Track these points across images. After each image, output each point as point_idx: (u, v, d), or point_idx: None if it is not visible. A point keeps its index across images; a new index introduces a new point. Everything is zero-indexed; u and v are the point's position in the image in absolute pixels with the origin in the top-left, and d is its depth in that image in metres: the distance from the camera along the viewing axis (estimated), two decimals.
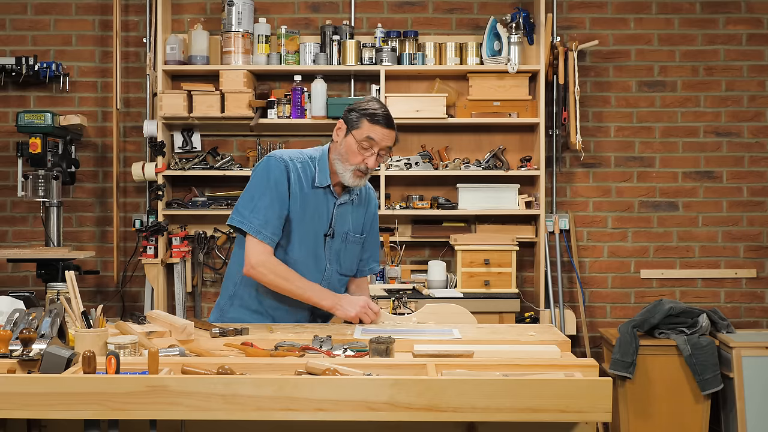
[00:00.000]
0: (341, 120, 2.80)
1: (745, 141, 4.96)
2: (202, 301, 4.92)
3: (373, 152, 2.74)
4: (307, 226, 2.81)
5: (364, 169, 2.76)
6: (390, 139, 2.76)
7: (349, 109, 2.79)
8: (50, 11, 4.95)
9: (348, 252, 2.91)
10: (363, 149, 2.73)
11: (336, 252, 2.87)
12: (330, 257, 2.86)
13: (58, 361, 1.98)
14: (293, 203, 2.78)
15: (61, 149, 4.60)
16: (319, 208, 2.82)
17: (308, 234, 2.81)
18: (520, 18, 4.72)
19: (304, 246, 2.81)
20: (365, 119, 2.73)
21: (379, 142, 2.73)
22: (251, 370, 2.02)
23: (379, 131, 2.73)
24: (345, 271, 2.93)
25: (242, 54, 4.67)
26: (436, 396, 1.81)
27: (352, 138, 2.74)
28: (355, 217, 2.92)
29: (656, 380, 4.26)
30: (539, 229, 4.74)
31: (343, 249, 2.89)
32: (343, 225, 2.87)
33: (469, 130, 4.87)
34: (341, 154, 2.77)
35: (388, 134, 2.75)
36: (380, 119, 2.73)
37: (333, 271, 2.88)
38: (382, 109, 2.76)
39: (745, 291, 4.97)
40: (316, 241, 2.82)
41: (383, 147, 2.75)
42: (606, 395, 1.82)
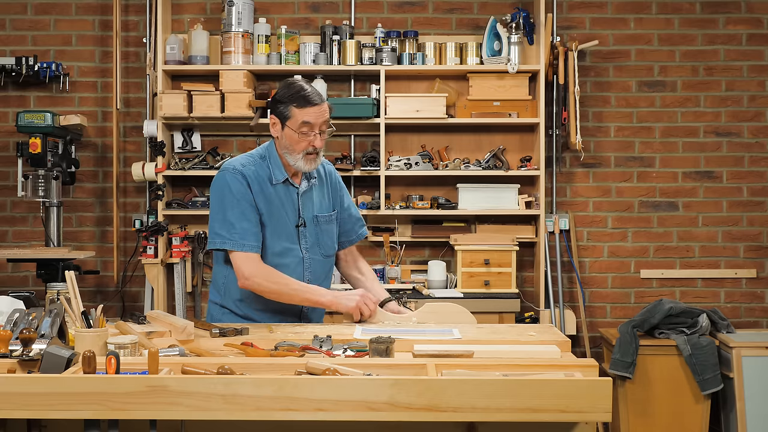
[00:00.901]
0: (272, 116, 2.83)
1: (745, 141, 4.96)
2: (202, 301, 4.93)
3: (315, 133, 2.77)
4: (277, 224, 2.83)
5: (312, 150, 2.78)
6: (324, 114, 2.78)
7: (275, 101, 2.82)
8: (50, 11, 4.95)
9: (325, 233, 2.94)
10: (303, 134, 2.76)
11: (314, 238, 2.90)
12: (307, 246, 2.88)
13: (58, 361, 1.98)
14: (260, 207, 2.81)
15: (61, 149, 4.60)
16: (284, 203, 2.85)
17: (281, 231, 2.84)
18: (520, 18, 4.73)
19: (278, 244, 2.83)
20: (292, 106, 2.76)
21: (315, 121, 2.76)
22: (251, 370, 2.02)
23: (311, 112, 2.75)
24: (329, 251, 2.96)
25: (242, 54, 4.68)
26: (436, 396, 1.81)
27: (288, 129, 2.77)
28: (320, 198, 2.95)
29: (656, 380, 4.26)
30: (539, 229, 4.74)
31: (319, 232, 2.91)
32: (311, 210, 2.90)
33: (469, 130, 4.87)
34: (286, 146, 2.80)
35: (320, 110, 2.76)
36: (307, 99, 2.75)
37: (316, 257, 2.90)
38: (305, 90, 2.77)
39: (745, 291, 4.97)
40: (289, 236, 2.85)
41: (321, 124, 2.77)
42: (606, 395, 1.82)
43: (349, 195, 3.10)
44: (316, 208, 2.92)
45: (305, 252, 2.87)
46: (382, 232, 4.79)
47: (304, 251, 2.87)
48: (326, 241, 2.94)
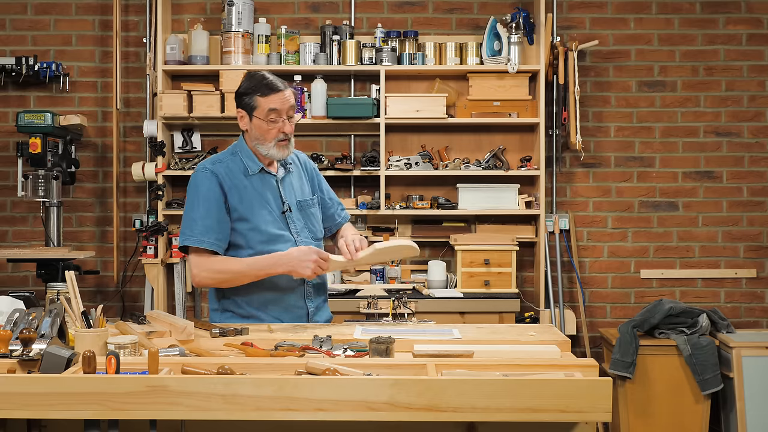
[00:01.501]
0: (238, 110, 2.88)
1: (745, 141, 4.96)
2: (202, 301, 4.92)
3: (283, 119, 2.81)
4: (261, 214, 2.85)
5: (283, 137, 2.82)
6: (289, 99, 2.83)
7: (239, 95, 2.87)
8: (50, 11, 4.95)
9: (311, 217, 2.97)
10: (272, 122, 2.81)
11: (302, 222, 2.93)
12: (297, 230, 2.90)
13: (58, 361, 1.98)
14: (235, 201, 2.83)
15: (61, 149, 4.60)
16: (264, 192, 2.88)
17: (267, 219, 2.85)
18: (520, 18, 4.73)
19: (266, 232, 2.84)
20: (257, 96, 2.81)
21: (281, 107, 2.80)
22: (251, 370, 2.02)
23: (276, 98, 2.79)
24: (318, 235, 2.99)
25: (242, 54, 4.68)
26: (436, 396, 1.82)
27: (256, 119, 2.82)
28: (300, 183, 2.99)
29: (656, 380, 4.26)
30: (539, 229, 4.74)
31: (305, 216, 2.95)
32: (294, 196, 2.94)
33: (469, 130, 4.87)
34: (257, 138, 2.85)
35: (284, 96, 2.80)
36: (270, 87, 2.80)
37: (307, 241, 2.91)
38: (266, 79, 2.82)
39: (745, 291, 4.97)
40: (277, 222, 2.87)
41: (288, 109, 2.82)
42: (606, 395, 1.82)
43: (325, 181, 3.13)
44: (297, 194, 2.96)
45: (296, 236, 2.89)
46: (382, 232, 4.79)
47: (295, 235, 2.89)
48: (313, 224, 2.98)
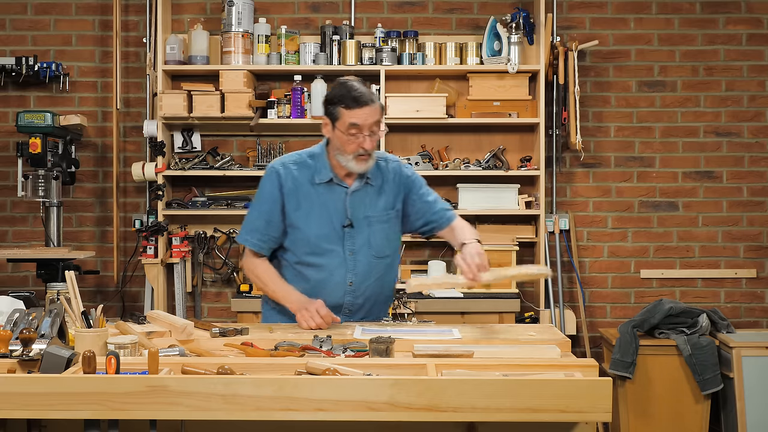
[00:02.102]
0: (323, 116, 2.79)
1: (745, 141, 4.96)
2: (202, 301, 4.93)
3: (364, 135, 2.70)
4: (316, 224, 2.80)
5: (363, 152, 2.72)
6: (374, 115, 2.70)
7: (326, 102, 2.77)
8: (50, 11, 4.95)
9: (378, 233, 2.85)
10: (352, 135, 2.70)
11: (363, 239, 2.83)
12: (354, 247, 2.82)
13: (58, 361, 1.98)
14: (292, 207, 2.80)
15: (61, 149, 4.60)
16: (327, 203, 2.81)
17: (321, 231, 2.80)
18: (520, 18, 4.72)
19: (316, 245, 2.81)
20: (341, 107, 2.70)
21: (363, 124, 2.69)
22: (251, 370, 2.02)
23: (359, 113, 2.68)
24: (382, 252, 2.87)
25: (242, 54, 4.67)
26: (436, 396, 1.81)
27: (338, 131, 2.73)
28: (376, 197, 2.86)
29: (656, 380, 4.26)
30: (539, 229, 4.74)
31: (370, 233, 2.84)
32: (363, 210, 2.83)
33: (469, 130, 4.87)
34: (337, 147, 2.76)
35: (368, 111, 2.69)
36: (355, 101, 2.68)
37: (364, 259, 2.83)
38: (355, 90, 2.70)
39: (745, 291, 4.97)
40: (332, 237, 2.81)
41: (370, 125, 2.71)
42: (606, 395, 1.82)
43: (425, 186, 2.95)
44: (369, 208, 2.84)
45: (350, 253, 2.82)
46: None
47: (349, 252, 2.82)
48: (378, 241, 2.85)
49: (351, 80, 2.75)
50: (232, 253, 4.90)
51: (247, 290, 4.59)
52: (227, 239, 4.87)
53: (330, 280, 2.82)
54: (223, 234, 4.86)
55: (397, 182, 2.90)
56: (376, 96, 2.75)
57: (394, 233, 2.93)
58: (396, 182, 2.90)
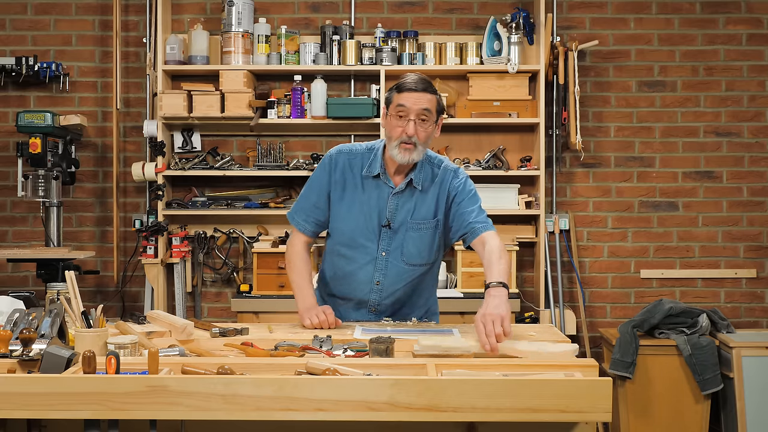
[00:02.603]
0: (383, 106, 2.82)
1: (745, 141, 4.96)
2: (202, 301, 4.93)
3: (409, 119, 2.67)
4: (355, 217, 2.80)
5: (406, 139, 2.68)
6: (422, 101, 2.67)
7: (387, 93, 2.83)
8: (50, 11, 4.95)
9: (412, 240, 2.80)
10: (399, 118, 2.69)
11: (398, 242, 2.80)
12: (388, 248, 2.80)
13: (58, 361, 1.98)
14: (336, 194, 2.81)
15: (61, 149, 4.60)
16: (371, 198, 2.80)
17: (358, 225, 2.80)
18: (520, 18, 4.72)
19: (351, 237, 2.82)
20: (394, 92, 2.73)
21: (410, 107, 2.67)
22: (251, 370, 2.02)
23: (407, 96, 2.67)
24: (414, 260, 2.82)
25: (242, 54, 4.68)
26: (436, 396, 1.81)
27: (389, 115, 2.74)
28: (421, 203, 2.80)
29: (656, 380, 4.26)
30: (539, 229, 4.74)
31: (405, 238, 2.80)
32: (404, 214, 2.80)
33: (469, 130, 4.87)
34: (387, 136, 2.76)
35: (417, 96, 2.67)
36: (407, 85, 2.70)
37: (395, 263, 2.81)
38: (409, 78, 2.73)
39: (745, 291, 4.97)
40: (369, 233, 2.80)
41: (418, 111, 2.67)
42: (606, 395, 1.82)
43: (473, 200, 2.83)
44: (410, 213, 2.79)
45: (382, 253, 2.80)
46: None
47: (382, 252, 2.80)
48: (411, 249, 2.80)
49: (411, 74, 2.78)
50: (232, 253, 4.90)
51: (247, 290, 4.59)
52: (227, 239, 4.87)
53: (357, 274, 2.83)
54: (223, 234, 4.86)
55: (444, 190, 2.82)
56: (432, 87, 2.73)
57: (432, 243, 2.84)
58: (443, 190, 2.82)
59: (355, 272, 2.84)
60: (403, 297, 2.87)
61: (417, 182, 2.78)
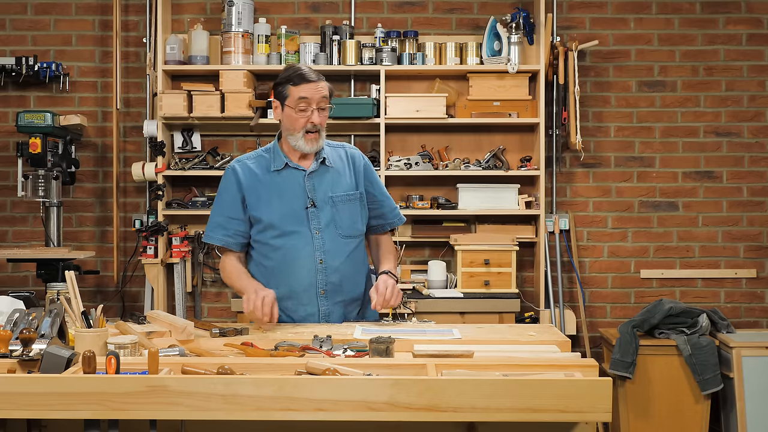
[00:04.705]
0: (273, 100, 2.90)
1: (745, 141, 4.96)
2: (202, 301, 4.93)
3: (312, 108, 2.81)
4: (278, 210, 2.88)
5: (311, 127, 2.83)
6: (321, 90, 2.83)
7: (275, 86, 2.91)
8: (50, 11, 4.95)
9: (344, 212, 2.92)
10: (301, 111, 2.82)
11: (328, 218, 2.89)
12: (320, 226, 2.88)
13: (58, 361, 1.98)
14: (251, 198, 2.89)
15: (61, 149, 4.60)
16: (287, 189, 2.89)
17: (285, 214, 2.87)
18: (520, 18, 4.72)
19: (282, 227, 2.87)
20: (289, 85, 2.83)
21: (312, 97, 2.81)
22: (251, 370, 2.02)
23: (307, 87, 2.80)
24: (349, 232, 2.93)
25: (242, 54, 4.68)
26: (436, 396, 1.81)
27: (287, 108, 2.84)
28: (337, 178, 2.93)
29: (656, 380, 4.26)
30: (539, 229, 4.74)
31: (335, 212, 2.91)
32: (324, 191, 2.90)
33: (469, 130, 4.87)
34: (287, 128, 2.87)
35: (316, 86, 2.81)
36: (302, 76, 2.82)
37: (330, 238, 2.89)
38: (300, 69, 2.84)
39: (745, 291, 4.97)
40: (296, 218, 2.87)
41: (319, 99, 2.82)
42: (606, 395, 1.82)
43: (381, 185, 3.07)
44: (330, 188, 2.91)
45: (316, 232, 2.88)
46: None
47: (315, 231, 2.87)
48: (344, 220, 2.92)
49: (296, 64, 2.92)
50: None
51: None
52: None
53: (298, 257, 2.87)
54: None
55: (360, 169, 2.99)
56: (323, 76, 2.87)
57: (361, 213, 2.98)
58: (356, 168, 2.99)
59: (295, 257, 2.87)
60: (348, 273, 2.93)
61: (329, 161, 2.93)
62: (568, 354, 2.28)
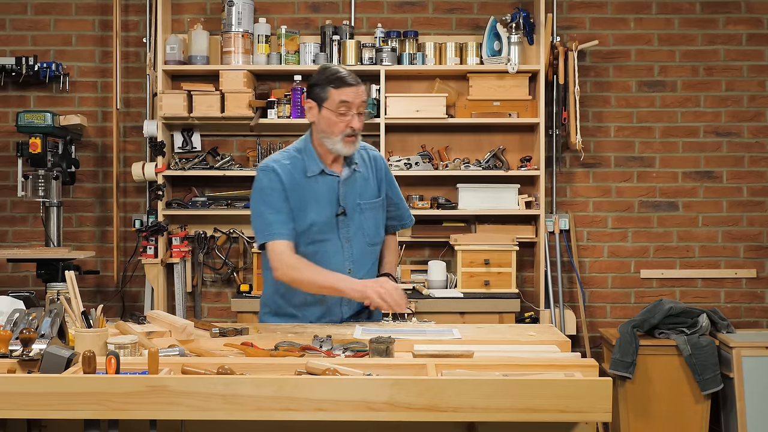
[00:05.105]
0: (308, 100, 2.83)
1: (745, 141, 4.96)
2: (202, 301, 4.93)
3: (353, 113, 2.76)
4: (312, 217, 2.81)
5: (351, 132, 2.77)
6: (362, 94, 2.79)
7: (311, 86, 2.83)
8: (50, 11, 4.95)
9: (369, 220, 2.90)
10: (342, 115, 2.76)
11: (356, 225, 2.86)
12: (348, 235, 2.85)
13: (58, 361, 1.98)
14: (293, 201, 2.80)
15: (61, 149, 4.60)
16: (321, 194, 2.83)
17: (318, 222, 2.82)
18: (520, 18, 4.72)
19: (315, 235, 2.82)
20: (330, 87, 2.76)
21: (353, 101, 2.76)
22: (251, 370, 2.02)
23: (349, 91, 2.75)
24: (374, 239, 2.93)
25: (242, 54, 4.67)
26: (436, 396, 1.81)
27: (326, 110, 2.77)
28: (366, 184, 2.91)
29: (656, 380, 4.26)
30: (539, 229, 4.74)
31: (363, 219, 2.88)
32: (353, 198, 2.86)
33: (469, 130, 4.87)
34: (323, 130, 2.79)
35: (357, 90, 2.77)
36: (344, 80, 2.76)
37: (359, 246, 2.86)
38: (341, 71, 2.79)
39: (745, 291, 4.97)
40: (328, 226, 2.82)
41: (359, 104, 2.78)
42: (606, 395, 1.82)
43: (398, 186, 3.06)
44: (359, 195, 2.88)
45: (345, 241, 2.84)
46: None
47: (344, 240, 2.84)
48: (370, 228, 2.90)
49: (333, 65, 2.84)
50: (232, 253, 4.90)
51: (247, 290, 4.59)
52: (227, 239, 4.87)
53: (328, 266, 2.81)
54: (223, 234, 4.86)
55: (380, 170, 2.97)
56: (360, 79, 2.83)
57: (383, 219, 2.98)
58: (379, 172, 2.97)
59: (326, 266, 2.79)
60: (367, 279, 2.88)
61: (360, 167, 2.89)
62: (568, 354, 2.28)
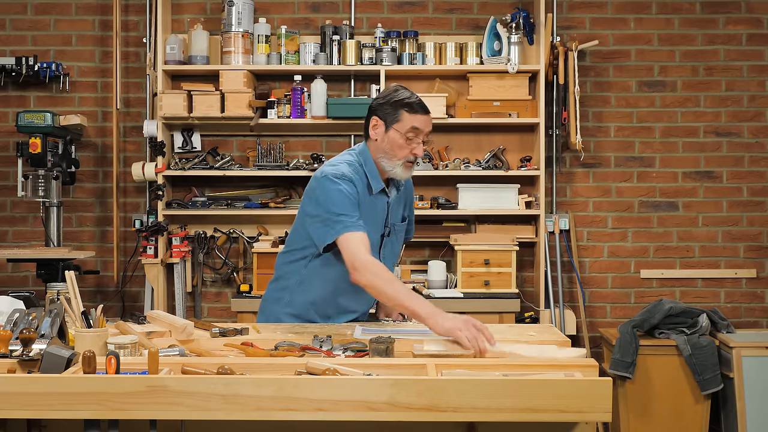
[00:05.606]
0: (375, 117, 2.74)
1: (745, 141, 4.96)
2: (202, 301, 4.93)
3: (419, 141, 2.72)
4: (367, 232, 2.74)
5: (413, 159, 2.74)
6: (430, 124, 2.76)
7: (380, 103, 2.74)
8: (50, 11, 4.95)
9: (398, 242, 2.95)
10: (409, 140, 2.71)
11: (390, 247, 2.89)
12: (384, 255, 2.86)
13: (58, 361, 1.98)
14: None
15: (61, 149, 4.60)
16: (377, 213, 2.80)
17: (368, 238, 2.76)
18: (520, 18, 4.72)
19: None
20: (404, 111, 2.70)
21: (423, 129, 2.72)
22: (251, 370, 2.02)
23: (421, 119, 2.71)
24: (396, 260, 3.00)
25: (242, 54, 4.68)
26: (436, 396, 1.81)
27: (395, 132, 2.71)
28: (398, 207, 2.91)
29: (656, 380, 4.26)
30: (539, 229, 4.74)
31: (395, 241, 2.92)
32: (393, 219, 2.88)
33: (469, 130, 4.87)
34: (386, 151, 2.73)
35: (428, 119, 2.74)
36: (418, 107, 2.72)
37: (389, 266, 2.85)
38: (416, 96, 2.75)
39: (745, 291, 4.97)
40: (373, 246, 2.75)
41: (427, 133, 2.75)
42: (606, 395, 1.82)
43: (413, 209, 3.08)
44: (394, 217, 2.88)
45: (383, 260, 2.83)
46: None
47: (381, 259, 2.82)
48: (396, 249, 2.96)
49: (405, 87, 2.77)
50: (232, 253, 4.90)
51: (247, 290, 4.59)
52: (227, 239, 4.87)
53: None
54: (223, 234, 4.86)
55: (408, 195, 2.99)
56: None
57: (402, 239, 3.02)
58: (408, 195, 2.98)
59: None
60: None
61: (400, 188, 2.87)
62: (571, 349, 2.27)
